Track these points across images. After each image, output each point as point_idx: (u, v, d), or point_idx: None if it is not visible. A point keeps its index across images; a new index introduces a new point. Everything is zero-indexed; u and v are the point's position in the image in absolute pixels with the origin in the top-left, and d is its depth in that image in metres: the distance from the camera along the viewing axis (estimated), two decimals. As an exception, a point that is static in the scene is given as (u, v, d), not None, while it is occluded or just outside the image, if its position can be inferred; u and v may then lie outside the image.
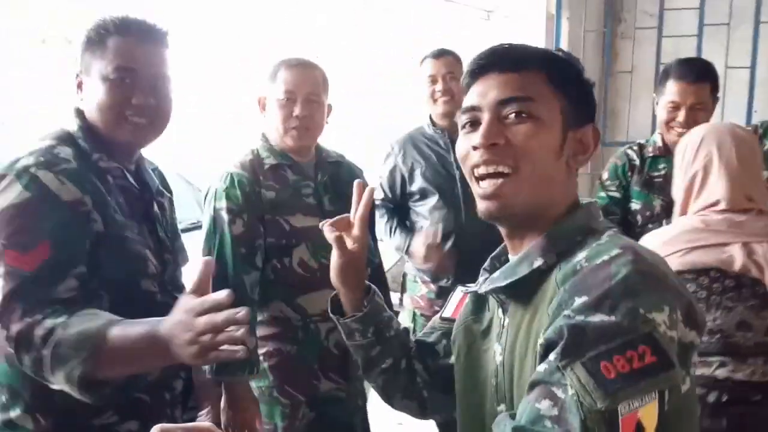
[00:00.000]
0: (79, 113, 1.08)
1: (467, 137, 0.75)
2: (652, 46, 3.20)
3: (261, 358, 1.50)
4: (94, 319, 0.92)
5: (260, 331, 1.51)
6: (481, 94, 0.74)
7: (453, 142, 2.05)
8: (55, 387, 0.93)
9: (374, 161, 2.23)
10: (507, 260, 0.80)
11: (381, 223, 2.06)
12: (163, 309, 1.05)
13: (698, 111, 1.85)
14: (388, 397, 0.96)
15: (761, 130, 2.20)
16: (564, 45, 3.24)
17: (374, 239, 1.74)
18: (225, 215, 1.45)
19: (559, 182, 0.74)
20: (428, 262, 1.95)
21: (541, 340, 0.63)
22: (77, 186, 0.98)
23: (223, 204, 1.45)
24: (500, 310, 0.77)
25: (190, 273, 1.05)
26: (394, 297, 2.10)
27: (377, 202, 2.14)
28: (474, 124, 0.75)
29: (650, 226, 1.89)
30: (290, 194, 1.51)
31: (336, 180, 1.59)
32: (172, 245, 1.17)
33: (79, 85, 1.09)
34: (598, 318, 0.60)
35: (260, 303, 1.50)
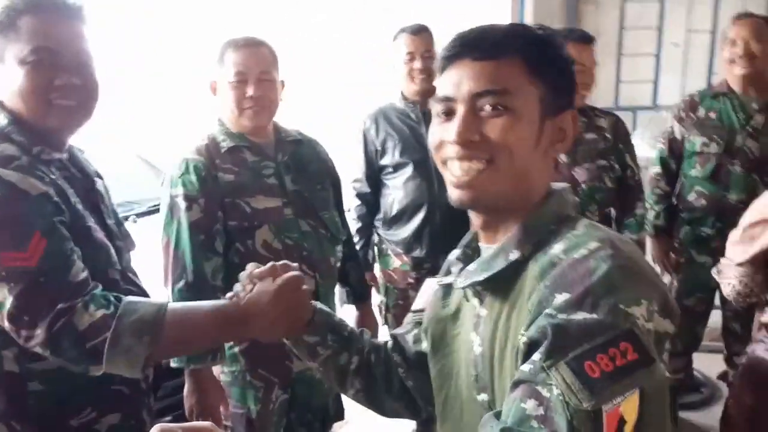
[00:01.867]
0: (2, 105, 1.00)
1: (442, 127, 0.73)
2: (615, 10, 3.20)
3: (231, 342, 1.47)
4: (145, 304, 0.93)
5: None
6: (456, 84, 0.71)
7: (425, 114, 2.04)
8: (95, 373, 0.92)
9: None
10: (477, 247, 0.79)
11: (354, 226, 2.06)
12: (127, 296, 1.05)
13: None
14: (375, 404, 0.95)
15: (698, 98, 2.25)
16: (529, 12, 3.20)
17: (342, 215, 1.72)
18: (181, 202, 1.41)
19: (536, 172, 0.73)
20: None
21: (524, 339, 0.63)
22: (37, 179, 0.94)
23: (178, 191, 1.42)
24: (476, 299, 0.76)
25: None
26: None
27: (355, 186, 2.13)
28: (449, 114, 0.73)
29: None
30: (250, 176, 1.48)
31: (297, 159, 1.57)
32: (119, 232, 1.13)
33: None
34: (580, 316, 0.60)
35: (226, 288, 1.46)
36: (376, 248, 2.21)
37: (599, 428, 0.57)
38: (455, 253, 0.82)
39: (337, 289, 1.74)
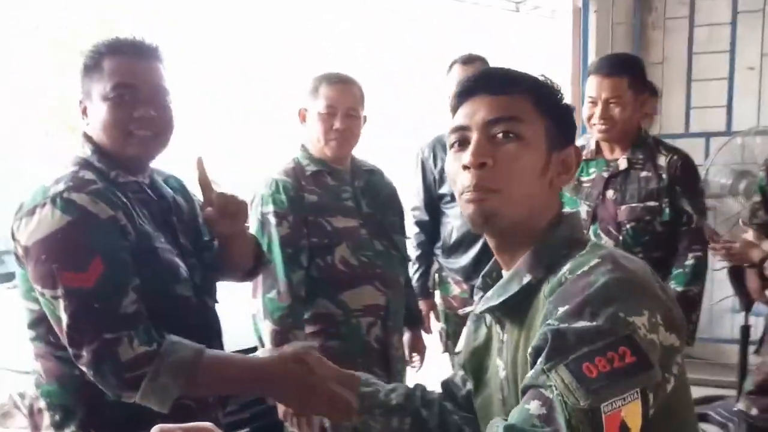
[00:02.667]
0: (88, 138, 1.11)
1: (456, 156, 0.78)
2: (684, 35, 3.16)
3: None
4: (185, 346, 1.00)
5: (305, 328, 1.57)
6: (469, 114, 0.77)
7: None
8: (127, 401, 0.98)
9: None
10: (499, 276, 0.83)
11: (413, 253, 2.15)
12: (199, 312, 1.16)
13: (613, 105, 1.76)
14: None
15: None
16: (592, 38, 3.23)
17: (404, 236, 1.80)
18: (272, 218, 1.53)
19: (542, 199, 0.77)
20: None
21: (529, 349, 0.66)
22: (108, 204, 1.02)
23: (269, 208, 1.54)
24: (498, 326, 0.80)
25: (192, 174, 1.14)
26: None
27: (414, 214, 2.21)
28: (462, 143, 0.77)
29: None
30: (331, 197, 1.60)
31: (370, 185, 1.69)
32: (194, 248, 1.20)
33: (84, 111, 1.12)
34: (580, 324, 0.63)
35: (306, 300, 1.57)
36: (436, 275, 2.28)
37: (599, 428, 0.59)
38: (477, 282, 0.86)
39: None
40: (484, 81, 0.78)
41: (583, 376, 0.60)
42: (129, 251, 1.03)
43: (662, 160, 1.84)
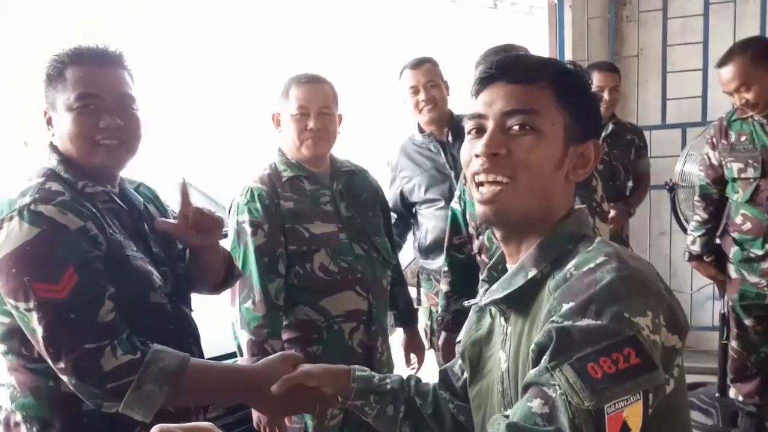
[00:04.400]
0: (54, 148, 1.10)
1: (471, 143, 0.78)
2: (657, 27, 3.19)
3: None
4: (170, 354, 1.01)
5: (285, 335, 1.58)
6: (488, 103, 0.77)
7: (441, 143, 2.16)
8: (109, 411, 0.98)
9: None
10: (505, 269, 0.83)
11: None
12: (174, 319, 1.16)
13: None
14: None
15: (726, 122, 2.22)
16: (568, 33, 3.25)
17: (391, 241, 1.81)
18: (247, 228, 1.53)
19: (556, 193, 0.77)
20: None
21: (532, 346, 0.66)
22: (76, 215, 1.01)
23: (245, 217, 1.54)
24: (502, 318, 0.80)
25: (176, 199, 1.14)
26: (413, 291, 2.17)
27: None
28: (479, 130, 0.77)
29: None
30: (308, 203, 1.59)
31: (350, 187, 1.68)
32: (167, 257, 1.20)
33: (49, 121, 1.11)
34: (584, 322, 0.63)
35: (286, 307, 1.57)
36: (419, 274, 2.29)
37: (601, 428, 0.59)
38: (483, 275, 0.87)
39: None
40: (504, 68, 0.76)
41: (588, 377, 0.60)
42: (101, 260, 1.02)
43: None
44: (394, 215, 2.21)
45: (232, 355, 1.62)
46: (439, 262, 2.12)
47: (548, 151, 0.75)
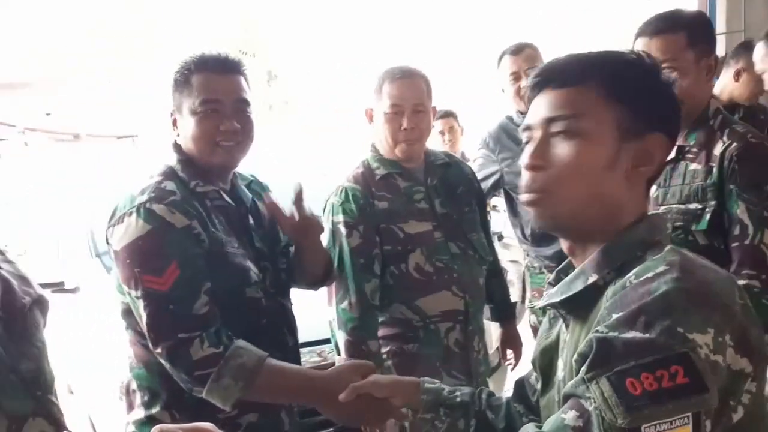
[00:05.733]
0: (177, 147, 1.22)
1: (525, 154, 0.78)
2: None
3: (384, 356, 1.57)
4: (250, 352, 1.09)
5: (382, 332, 1.58)
6: (535, 112, 0.76)
7: None
8: (197, 395, 1.08)
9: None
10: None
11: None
12: (269, 313, 1.24)
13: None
14: None
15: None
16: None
17: (488, 235, 1.74)
18: (342, 229, 1.53)
19: (614, 195, 0.72)
20: None
21: (575, 356, 0.63)
22: (184, 214, 1.12)
23: (340, 218, 1.54)
24: (564, 324, 0.78)
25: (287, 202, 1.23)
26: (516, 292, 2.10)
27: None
28: (529, 142, 0.77)
29: None
30: (402, 202, 1.57)
31: (446, 182, 1.64)
32: (270, 252, 1.28)
33: (174, 123, 1.23)
34: (630, 334, 0.59)
35: (381, 306, 1.57)
36: (526, 270, 2.20)
37: None
38: (550, 278, 0.83)
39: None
40: (548, 74, 0.76)
41: (624, 392, 0.56)
42: (203, 257, 1.12)
43: (718, 149, 1.31)
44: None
45: (326, 341, 1.68)
46: (555, 247, 2.01)
47: (593, 153, 0.71)
